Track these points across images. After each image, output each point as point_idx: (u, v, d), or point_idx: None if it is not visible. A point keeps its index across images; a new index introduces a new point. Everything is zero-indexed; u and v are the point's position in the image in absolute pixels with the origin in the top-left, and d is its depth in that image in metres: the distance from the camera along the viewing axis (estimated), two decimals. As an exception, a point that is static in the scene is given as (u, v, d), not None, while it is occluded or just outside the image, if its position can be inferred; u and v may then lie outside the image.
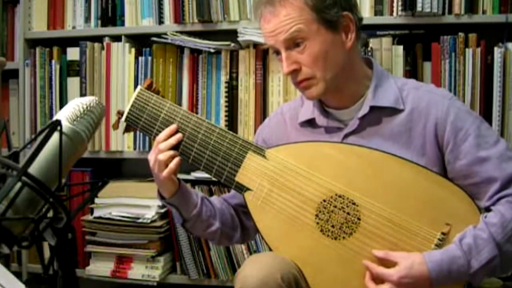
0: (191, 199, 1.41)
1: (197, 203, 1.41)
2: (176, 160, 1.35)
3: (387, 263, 1.25)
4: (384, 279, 1.23)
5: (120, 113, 1.42)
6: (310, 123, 1.43)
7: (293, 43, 1.31)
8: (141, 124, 1.39)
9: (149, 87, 1.40)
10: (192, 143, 1.37)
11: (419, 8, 1.87)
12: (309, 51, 1.30)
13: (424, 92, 1.36)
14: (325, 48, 1.30)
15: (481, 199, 1.28)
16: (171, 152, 1.35)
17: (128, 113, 1.39)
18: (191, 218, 1.42)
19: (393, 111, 1.35)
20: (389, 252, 1.25)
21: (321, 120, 1.40)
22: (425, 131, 1.32)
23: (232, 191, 1.47)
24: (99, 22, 2.21)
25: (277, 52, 1.34)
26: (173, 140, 1.36)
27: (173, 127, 1.37)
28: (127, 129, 1.44)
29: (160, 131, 1.37)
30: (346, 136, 1.37)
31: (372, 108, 1.35)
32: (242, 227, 1.49)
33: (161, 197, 1.42)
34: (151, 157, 1.37)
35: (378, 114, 1.35)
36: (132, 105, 1.39)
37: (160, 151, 1.35)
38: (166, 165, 1.34)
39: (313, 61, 1.30)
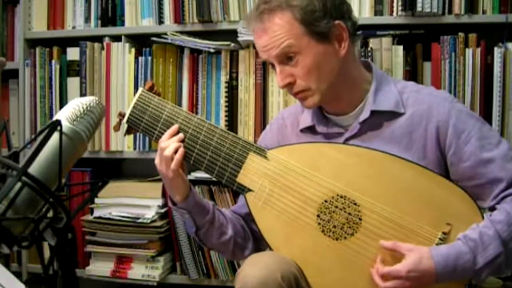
0: (203, 203, 1.41)
1: (209, 209, 1.41)
2: (181, 150, 1.34)
3: (393, 255, 1.25)
4: (392, 276, 1.23)
5: (121, 115, 1.42)
6: (310, 129, 1.43)
7: (286, 57, 1.31)
8: (142, 125, 1.39)
9: (151, 89, 1.40)
10: (193, 144, 1.37)
11: (419, 8, 1.87)
12: (302, 64, 1.30)
13: (425, 95, 1.36)
14: (318, 60, 1.30)
15: (486, 200, 1.29)
16: (175, 145, 1.35)
17: (130, 114, 1.39)
18: (205, 225, 1.41)
19: (394, 114, 1.35)
20: (398, 243, 1.25)
21: (320, 127, 1.41)
22: (426, 134, 1.33)
23: (240, 201, 1.48)
24: (99, 22, 2.20)
25: (273, 65, 1.35)
26: (175, 139, 1.36)
27: (174, 127, 1.37)
28: (128, 131, 1.44)
29: (162, 133, 1.38)
30: (346, 140, 1.38)
31: (373, 112, 1.35)
32: (254, 238, 1.49)
33: (173, 203, 1.42)
34: (157, 160, 1.37)
35: (378, 118, 1.36)
36: (133, 107, 1.39)
37: (163, 148, 1.35)
38: (172, 159, 1.34)
39: (306, 74, 1.31)
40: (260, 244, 1.49)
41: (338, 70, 1.33)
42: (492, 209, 1.28)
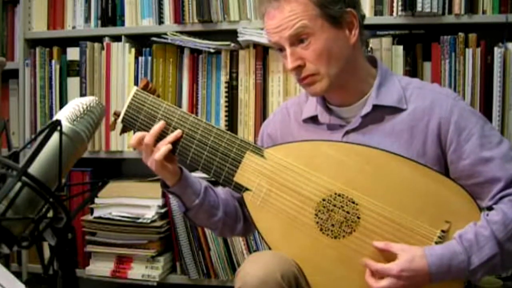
0: (193, 188, 1.41)
1: (199, 192, 1.41)
2: (163, 150, 1.33)
3: (386, 256, 1.25)
4: (384, 274, 1.23)
5: (116, 114, 1.41)
6: (312, 119, 1.43)
7: (298, 39, 1.31)
8: (137, 125, 1.38)
9: (145, 87, 1.39)
10: (189, 144, 1.36)
11: (419, 8, 1.87)
12: (314, 47, 1.30)
13: (428, 91, 1.37)
14: (329, 44, 1.31)
15: (484, 199, 1.29)
16: (154, 133, 1.34)
17: (125, 114, 1.39)
18: (194, 207, 1.42)
19: (396, 110, 1.35)
20: (390, 243, 1.25)
21: (323, 117, 1.41)
22: (428, 130, 1.33)
23: None
24: (99, 22, 2.21)
25: (281, 49, 1.35)
26: (157, 129, 1.34)
27: (161, 124, 1.35)
28: (124, 130, 1.43)
29: None
30: (347, 132, 1.38)
31: (375, 107, 1.35)
32: (245, 220, 1.50)
33: (164, 186, 1.42)
34: (143, 155, 1.38)
35: (380, 112, 1.36)
36: (128, 106, 1.38)
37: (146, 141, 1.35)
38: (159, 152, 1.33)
39: (317, 57, 1.31)
40: (250, 226, 1.49)
41: (347, 58, 1.34)
42: (489, 209, 1.28)
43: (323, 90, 1.34)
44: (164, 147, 1.33)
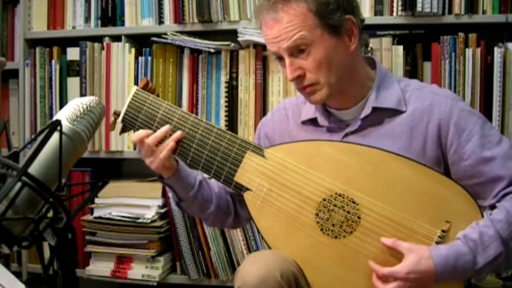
0: (188, 180, 1.42)
1: (194, 185, 1.42)
2: (164, 152, 1.33)
3: (388, 255, 1.25)
4: (391, 277, 1.23)
5: (116, 114, 1.41)
6: (311, 121, 1.43)
7: (297, 50, 1.30)
8: (138, 124, 1.38)
9: (145, 87, 1.39)
10: (190, 143, 1.36)
11: (419, 8, 1.87)
12: (313, 57, 1.29)
13: (427, 93, 1.36)
14: (329, 54, 1.30)
15: (486, 198, 1.29)
16: (158, 135, 1.34)
17: (125, 113, 1.38)
18: (187, 199, 1.43)
19: (395, 112, 1.35)
20: (398, 241, 1.25)
21: (322, 120, 1.41)
22: (427, 131, 1.33)
23: None
24: (99, 22, 2.21)
25: (280, 58, 1.34)
26: (162, 133, 1.34)
27: (166, 128, 1.34)
28: (123, 130, 1.43)
29: None
30: (346, 135, 1.38)
31: (375, 109, 1.35)
32: (236, 214, 1.51)
33: (160, 176, 1.42)
34: (142, 154, 1.37)
35: (380, 114, 1.36)
36: (128, 106, 1.38)
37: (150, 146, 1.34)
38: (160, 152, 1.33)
39: (317, 67, 1.30)
40: (240, 219, 1.51)
41: (346, 65, 1.33)
42: (492, 207, 1.28)
43: (323, 99, 1.34)
44: (165, 151, 1.33)
